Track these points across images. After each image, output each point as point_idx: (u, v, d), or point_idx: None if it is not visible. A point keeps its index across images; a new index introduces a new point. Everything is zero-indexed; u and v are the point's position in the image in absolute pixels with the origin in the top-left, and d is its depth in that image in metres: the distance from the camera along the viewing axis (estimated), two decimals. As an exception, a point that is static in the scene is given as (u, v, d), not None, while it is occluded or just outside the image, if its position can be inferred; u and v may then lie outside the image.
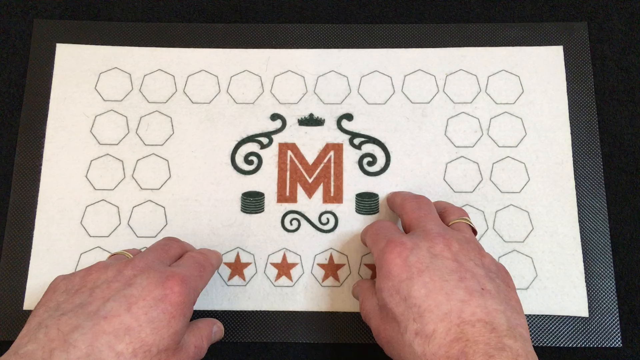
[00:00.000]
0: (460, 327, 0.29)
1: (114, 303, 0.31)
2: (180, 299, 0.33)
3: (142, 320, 0.31)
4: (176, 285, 0.33)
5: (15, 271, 0.42)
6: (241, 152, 0.45)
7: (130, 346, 0.30)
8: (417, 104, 0.46)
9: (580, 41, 0.47)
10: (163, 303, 0.32)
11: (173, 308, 0.32)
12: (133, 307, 0.31)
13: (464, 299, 0.31)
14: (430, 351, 0.29)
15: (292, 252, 0.43)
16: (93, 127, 0.45)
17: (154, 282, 0.33)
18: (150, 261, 0.35)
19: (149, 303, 0.32)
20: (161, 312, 0.32)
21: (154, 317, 0.31)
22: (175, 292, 0.33)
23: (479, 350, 0.28)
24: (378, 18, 0.48)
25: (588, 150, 0.44)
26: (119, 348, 0.30)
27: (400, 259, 0.33)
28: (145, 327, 0.31)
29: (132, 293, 0.32)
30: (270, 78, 0.46)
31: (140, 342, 0.31)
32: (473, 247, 0.35)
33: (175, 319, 0.32)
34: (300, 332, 0.41)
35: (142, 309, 0.31)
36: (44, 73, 0.46)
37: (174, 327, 0.32)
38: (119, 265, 0.34)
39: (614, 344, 0.41)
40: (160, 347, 0.31)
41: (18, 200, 0.44)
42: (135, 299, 0.32)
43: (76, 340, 0.29)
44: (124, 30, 0.47)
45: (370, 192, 0.44)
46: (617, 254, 0.43)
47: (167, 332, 0.32)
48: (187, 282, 0.34)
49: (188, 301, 0.33)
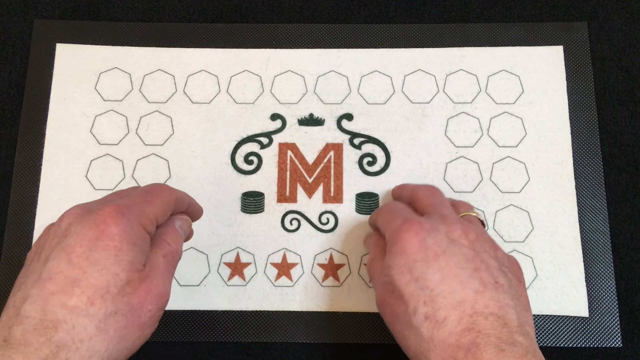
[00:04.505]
0: (473, 318, 0.29)
1: (54, 261, 0.30)
2: (118, 229, 0.30)
3: (85, 266, 0.29)
4: (109, 218, 0.30)
5: (15, 271, 0.42)
6: (241, 152, 0.45)
7: (83, 297, 0.28)
8: (417, 104, 0.46)
9: (580, 41, 0.47)
10: (101, 241, 0.30)
11: (114, 241, 0.30)
12: (72, 257, 0.29)
13: (478, 289, 0.30)
14: (440, 337, 0.29)
15: (292, 252, 0.43)
16: (93, 127, 0.45)
17: (87, 224, 0.30)
18: (89, 205, 0.32)
19: (87, 247, 0.29)
20: (102, 250, 0.29)
21: (97, 258, 0.29)
22: (110, 225, 0.30)
23: (491, 343, 0.28)
24: (378, 18, 0.48)
25: (588, 150, 0.44)
26: (71, 303, 0.28)
27: (417, 238, 0.32)
28: (92, 272, 0.29)
29: (69, 243, 0.30)
30: (270, 78, 0.46)
31: (92, 289, 0.29)
32: (487, 238, 0.34)
33: (123, 251, 0.30)
34: (300, 332, 0.41)
35: (82, 255, 0.29)
36: (44, 73, 0.46)
37: (124, 258, 0.30)
38: (59, 219, 0.32)
39: (614, 344, 0.41)
40: (118, 284, 0.29)
41: (18, 200, 0.44)
42: (72, 248, 0.30)
43: (27, 310, 0.28)
44: (124, 30, 0.47)
45: (370, 192, 0.44)
46: (617, 254, 0.43)
47: (118, 267, 0.30)
48: (121, 210, 0.31)
49: (130, 227, 0.31)
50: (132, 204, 0.32)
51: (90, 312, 0.28)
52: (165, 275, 0.33)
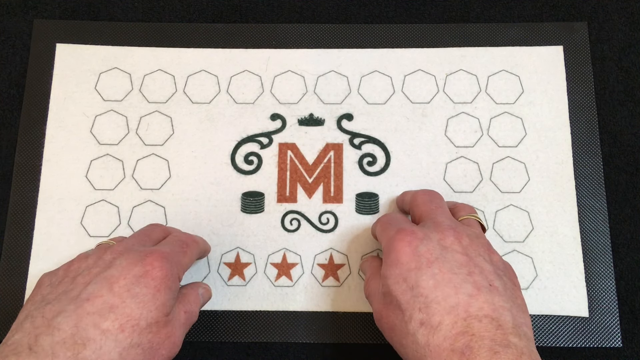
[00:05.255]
0: (467, 321, 0.29)
1: (95, 285, 0.32)
2: (162, 273, 0.33)
3: (125, 297, 0.31)
4: (156, 261, 0.33)
5: (15, 271, 0.42)
6: (241, 152, 0.45)
7: (116, 322, 0.30)
8: (417, 104, 0.46)
9: (580, 41, 0.47)
10: (145, 278, 0.32)
11: (156, 282, 0.32)
12: (114, 287, 0.31)
13: (471, 293, 0.31)
14: (435, 342, 0.29)
15: (292, 252, 0.43)
16: (93, 127, 0.45)
17: (133, 262, 0.33)
18: (130, 244, 0.35)
19: (130, 280, 0.32)
20: (144, 287, 0.32)
21: (138, 292, 0.32)
22: (156, 267, 0.33)
23: (484, 346, 0.28)
24: (378, 18, 0.48)
25: (588, 150, 0.44)
26: (104, 326, 0.30)
27: (410, 247, 0.33)
28: (130, 303, 0.31)
29: (112, 274, 0.32)
30: (270, 78, 0.46)
31: (126, 317, 0.31)
32: (482, 243, 0.35)
33: (160, 292, 0.32)
34: (300, 332, 0.41)
35: (124, 287, 0.32)
36: (44, 73, 0.46)
37: (159, 299, 0.32)
38: (99, 252, 0.35)
39: (614, 344, 0.41)
40: (148, 320, 0.32)
41: (18, 200, 0.44)
42: (116, 279, 0.32)
43: (60, 323, 0.30)
44: (124, 30, 0.47)
45: (370, 192, 0.44)
46: (617, 254, 0.43)
47: (153, 305, 0.32)
48: (167, 257, 0.34)
49: (171, 274, 0.33)
50: (173, 253, 0.35)
51: (119, 338, 0.30)
52: (182, 328, 0.35)
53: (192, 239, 0.39)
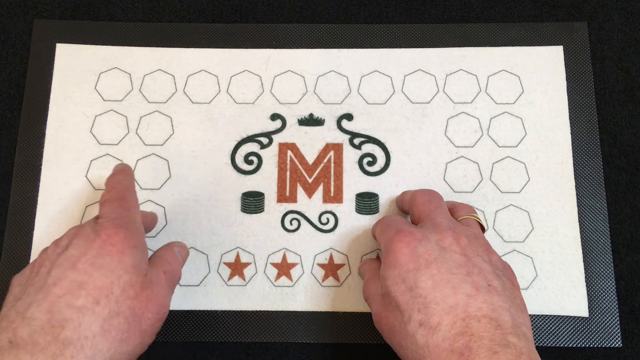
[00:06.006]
0: (466, 322, 0.29)
1: (59, 269, 0.31)
2: (118, 236, 0.32)
3: (90, 271, 0.31)
4: (109, 229, 0.32)
5: (15, 271, 0.42)
6: (241, 152, 0.45)
7: (89, 297, 0.30)
8: (417, 104, 0.46)
9: (580, 41, 0.47)
10: (104, 248, 0.32)
11: (117, 247, 0.32)
12: (78, 265, 0.31)
13: (470, 293, 0.31)
14: (434, 343, 0.29)
15: (292, 252, 0.43)
16: (93, 127, 0.45)
17: (88, 237, 0.32)
18: (81, 225, 0.35)
19: (92, 255, 0.32)
20: (107, 256, 0.32)
21: (102, 262, 0.31)
22: (112, 234, 0.32)
23: (484, 346, 0.28)
24: (378, 18, 0.48)
25: (588, 150, 0.44)
26: (78, 303, 0.30)
27: (408, 248, 0.33)
28: (98, 275, 0.31)
29: (72, 254, 0.32)
30: (270, 78, 0.46)
31: (97, 290, 0.30)
32: (481, 243, 0.35)
33: (126, 255, 0.32)
34: (300, 332, 0.41)
35: (87, 262, 0.31)
36: (44, 73, 0.46)
37: (127, 261, 0.32)
38: (55, 242, 0.35)
39: (614, 344, 0.41)
40: (121, 285, 0.31)
41: (18, 200, 0.44)
42: (77, 257, 0.32)
43: (33, 313, 0.30)
44: (124, 30, 0.47)
45: (370, 192, 0.44)
46: (617, 254, 0.43)
47: (122, 269, 0.31)
48: (117, 222, 0.33)
49: (131, 235, 0.33)
50: (122, 216, 0.34)
51: (96, 311, 0.30)
52: (165, 288, 0.34)
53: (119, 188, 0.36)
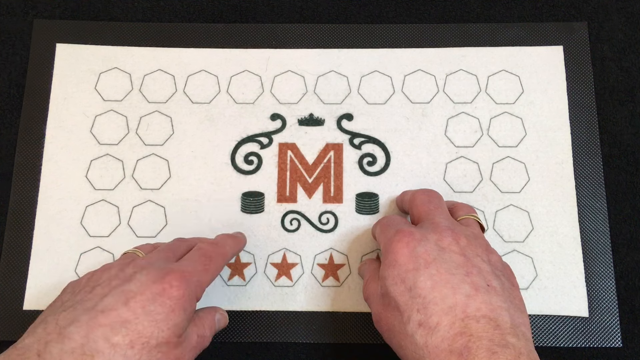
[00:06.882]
0: (465, 322, 0.29)
1: (112, 298, 0.32)
2: (179, 293, 0.32)
3: (139, 313, 0.31)
4: (175, 280, 0.33)
5: (15, 271, 0.42)
6: (241, 152, 0.45)
7: (126, 338, 0.30)
8: (417, 104, 0.46)
9: (580, 41, 0.47)
10: (161, 297, 0.32)
11: (172, 302, 0.32)
12: (130, 302, 0.31)
13: (469, 293, 0.31)
14: (433, 343, 0.30)
15: (292, 252, 0.43)
16: (93, 127, 0.45)
17: (153, 278, 0.33)
18: (154, 260, 0.35)
19: (147, 297, 0.32)
20: (159, 306, 0.32)
21: (152, 310, 0.31)
22: (174, 287, 0.32)
23: (483, 346, 0.28)
24: (378, 18, 0.48)
25: (588, 150, 0.44)
26: (114, 340, 0.30)
27: (407, 249, 0.33)
28: (143, 320, 0.31)
29: (130, 289, 0.32)
30: (270, 78, 0.46)
31: (137, 334, 0.31)
32: (481, 243, 0.35)
33: (175, 312, 0.32)
34: (300, 332, 0.41)
35: (140, 302, 0.31)
36: (44, 73, 0.46)
37: (173, 320, 0.32)
38: (122, 264, 0.35)
39: (614, 344, 0.41)
40: (159, 339, 0.31)
41: (18, 200, 0.44)
42: (133, 294, 0.32)
43: (71, 332, 0.30)
44: (124, 30, 0.47)
45: (370, 192, 0.44)
46: (617, 254, 0.43)
47: (166, 325, 0.32)
48: (187, 277, 0.33)
49: (188, 295, 0.33)
50: (194, 272, 0.34)
51: (128, 354, 0.30)
52: (193, 352, 0.35)
53: (218, 250, 0.37)
